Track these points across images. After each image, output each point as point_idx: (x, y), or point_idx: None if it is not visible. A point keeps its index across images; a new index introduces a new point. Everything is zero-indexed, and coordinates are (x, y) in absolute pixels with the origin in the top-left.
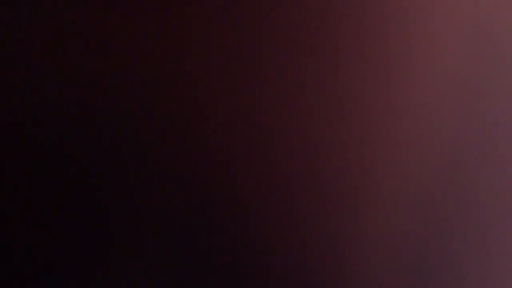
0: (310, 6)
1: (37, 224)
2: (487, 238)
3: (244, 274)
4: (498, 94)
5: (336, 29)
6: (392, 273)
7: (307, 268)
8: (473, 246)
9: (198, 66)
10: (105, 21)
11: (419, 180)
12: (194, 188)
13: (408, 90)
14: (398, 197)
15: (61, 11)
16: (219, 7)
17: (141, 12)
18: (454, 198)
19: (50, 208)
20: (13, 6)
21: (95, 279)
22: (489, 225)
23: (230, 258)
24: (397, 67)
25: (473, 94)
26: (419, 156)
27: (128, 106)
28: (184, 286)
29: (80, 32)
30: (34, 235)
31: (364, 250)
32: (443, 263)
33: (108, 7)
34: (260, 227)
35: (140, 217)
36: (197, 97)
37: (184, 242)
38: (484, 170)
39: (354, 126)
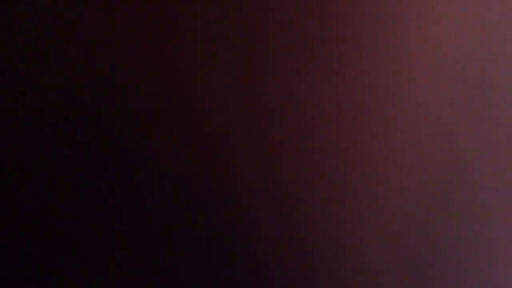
0: (312, 6)
1: (38, 225)
2: (489, 239)
3: (245, 273)
4: (500, 94)
5: (337, 30)
6: (392, 274)
7: (307, 268)
8: (474, 247)
9: (200, 66)
10: (105, 21)
11: (420, 181)
12: (195, 188)
13: (409, 90)
14: (399, 198)
15: (61, 10)
16: (219, 7)
17: (142, 12)
18: (455, 199)
19: (52, 208)
20: (13, 6)
21: (96, 279)
22: (491, 225)
23: (230, 258)
24: (398, 68)
25: (474, 94)
26: (420, 157)
27: (129, 106)
28: (185, 286)
29: (81, 32)
30: (35, 236)
31: (364, 250)
32: (444, 264)
33: (109, 7)
34: (261, 227)
35: (141, 217)
36: (198, 98)
37: (185, 242)
38: (486, 171)
39: (355, 126)
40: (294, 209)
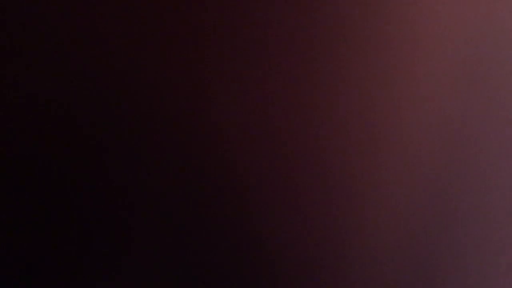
0: (313, 7)
1: (42, 225)
2: (491, 238)
3: (249, 272)
4: (500, 92)
5: (339, 30)
6: (396, 271)
7: (311, 267)
8: (477, 246)
9: (205, 65)
10: (108, 21)
11: (423, 180)
12: (199, 187)
13: (410, 89)
14: (402, 197)
15: (66, 10)
16: (223, 7)
17: (145, 12)
18: (458, 198)
19: (55, 209)
20: (14, 5)
21: (100, 280)
22: (493, 225)
23: (234, 257)
24: (399, 67)
25: (475, 93)
26: (422, 154)
27: (135, 105)
28: (188, 286)
29: (87, 32)
30: (38, 237)
31: (367, 249)
32: (446, 263)
33: (114, 7)
34: (266, 224)
35: (144, 217)
36: (203, 97)
37: (187, 242)
38: (489, 171)
39: (357, 126)
40: (297, 208)
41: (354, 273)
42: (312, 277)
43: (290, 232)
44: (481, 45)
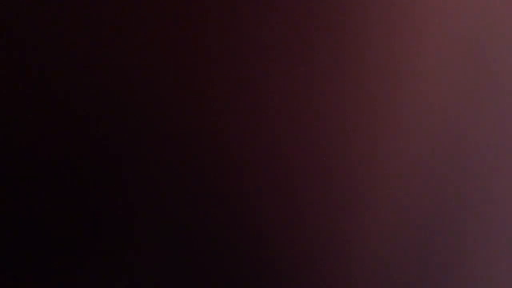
0: (314, 7)
1: (44, 224)
2: (491, 236)
3: (250, 272)
4: (500, 95)
5: (339, 30)
6: (396, 271)
7: (310, 266)
8: (477, 244)
9: (207, 66)
10: (110, 22)
11: (422, 180)
12: (199, 187)
13: (411, 90)
14: (402, 195)
15: (74, 9)
16: (222, 7)
17: (148, 12)
18: (457, 195)
19: (57, 209)
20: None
21: (104, 279)
22: (493, 222)
23: (233, 257)
24: (400, 67)
25: (475, 92)
26: (423, 155)
27: (135, 106)
28: (188, 285)
29: (93, 32)
30: (39, 235)
31: (368, 247)
32: (447, 260)
33: (118, 8)
34: (266, 224)
35: (144, 217)
36: (206, 97)
37: (187, 242)
38: (488, 170)
39: (357, 126)
40: (297, 208)
41: (354, 273)
42: (313, 277)
43: (290, 232)
44: (482, 44)
